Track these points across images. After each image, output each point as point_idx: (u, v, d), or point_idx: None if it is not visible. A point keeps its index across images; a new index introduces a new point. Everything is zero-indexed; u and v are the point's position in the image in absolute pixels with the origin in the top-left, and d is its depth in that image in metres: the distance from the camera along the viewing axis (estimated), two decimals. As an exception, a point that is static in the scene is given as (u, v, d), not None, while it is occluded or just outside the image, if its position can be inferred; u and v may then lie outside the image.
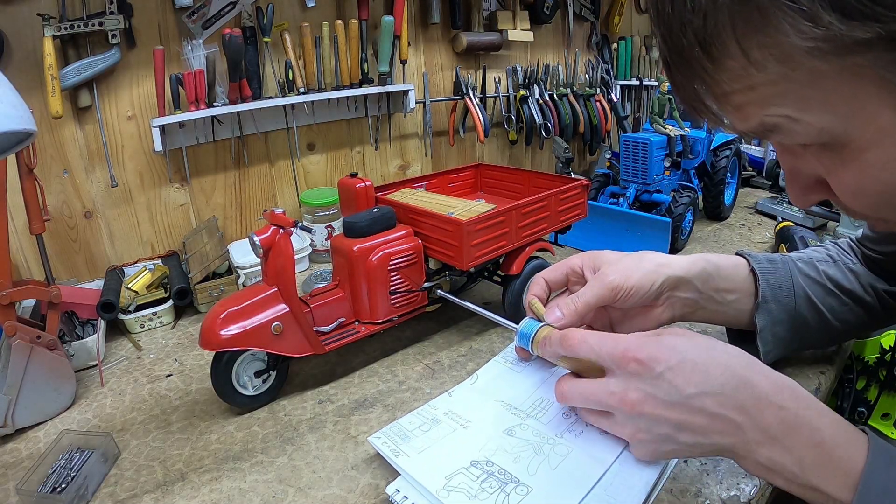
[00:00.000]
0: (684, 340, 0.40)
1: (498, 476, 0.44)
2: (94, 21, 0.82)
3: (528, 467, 0.45)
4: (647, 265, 0.52)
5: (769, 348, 0.58)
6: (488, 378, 0.56)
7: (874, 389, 0.90)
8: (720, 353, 0.40)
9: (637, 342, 0.41)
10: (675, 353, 0.39)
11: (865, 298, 0.60)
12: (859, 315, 0.61)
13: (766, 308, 0.57)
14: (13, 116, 0.48)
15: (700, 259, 0.56)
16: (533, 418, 0.50)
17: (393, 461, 0.48)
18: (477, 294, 0.89)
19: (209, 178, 1.04)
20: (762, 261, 0.59)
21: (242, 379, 0.62)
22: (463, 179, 0.99)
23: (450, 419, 0.52)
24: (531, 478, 0.44)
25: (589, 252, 0.56)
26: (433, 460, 0.47)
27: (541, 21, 1.41)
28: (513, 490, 0.43)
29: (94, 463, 0.53)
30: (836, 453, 0.35)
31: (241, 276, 0.90)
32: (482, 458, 0.46)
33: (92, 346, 0.73)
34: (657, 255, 0.55)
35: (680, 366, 0.39)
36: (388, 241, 0.69)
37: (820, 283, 0.60)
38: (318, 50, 1.03)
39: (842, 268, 0.62)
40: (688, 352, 0.39)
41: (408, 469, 0.46)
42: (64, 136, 0.88)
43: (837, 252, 0.65)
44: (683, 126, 1.17)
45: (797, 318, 0.59)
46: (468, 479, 0.44)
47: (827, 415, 0.37)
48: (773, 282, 0.58)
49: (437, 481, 0.44)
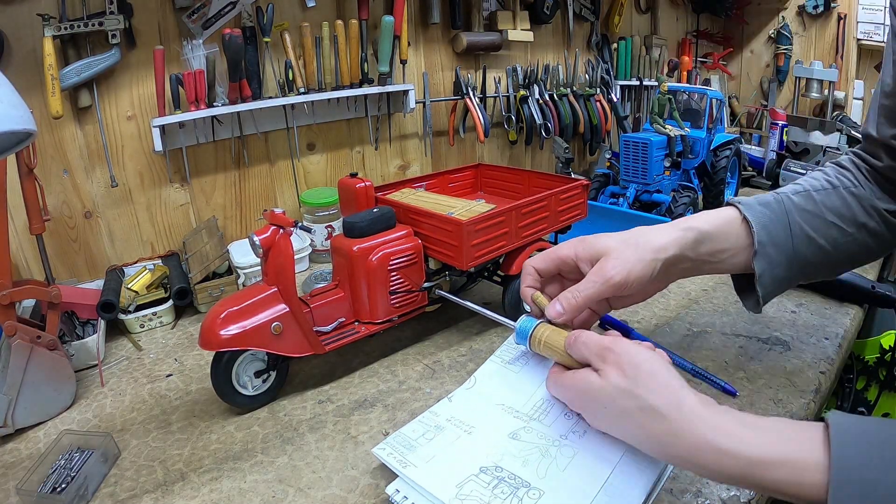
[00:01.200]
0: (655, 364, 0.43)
1: (509, 481, 0.44)
2: (94, 21, 0.82)
3: (538, 470, 0.45)
4: (646, 254, 0.52)
5: (768, 290, 0.57)
6: (486, 381, 0.56)
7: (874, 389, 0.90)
8: None
9: (621, 348, 0.44)
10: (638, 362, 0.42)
11: (869, 224, 0.58)
12: (864, 243, 0.58)
13: (763, 253, 0.55)
14: (13, 116, 0.48)
15: (692, 230, 0.55)
16: (536, 421, 0.50)
17: (401, 472, 0.47)
18: (477, 294, 0.89)
19: (209, 178, 1.04)
20: (754, 206, 0.57)
21: (242, 379, 0.62)
22: (463, 179, 0.99)
23: (453, 426, 0.51)
24: (542, 481, 0.44)
25: (580, 240, 0.55)
26: (442, 469, 0.46)
27: (541, 21, 1.41)
28: (525, 494, 0.43)
29: (94, 463, 0.53)
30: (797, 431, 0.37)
31: (241, 276, 0.90)
32: (491, 464, 0.46)
33: (92, 346, 0.73)
34: (651, 235, 0.54)
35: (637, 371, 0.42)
36: (388, 241, 0.69)
37: (819, 216, 0.58)
38: (318, 50, 1.03)
39: (842, 194, 0.59)
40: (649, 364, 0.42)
41: (418, 480, 0.46)
42: (64, 136, 0.88)
43: (837, 174, 0.61)
44: (683, 126, 1.16)
45: (796, 257, 0.57)
46: (479, 486, 0.44)
47: None
48: (768, 225, 0.56)
49: (449, 490, 0.44)
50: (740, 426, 0.37)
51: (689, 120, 1.21)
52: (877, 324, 0.94)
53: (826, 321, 0.76)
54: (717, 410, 0.39)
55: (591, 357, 0.45)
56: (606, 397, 0.42)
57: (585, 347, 0.45)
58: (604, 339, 0.45)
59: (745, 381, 0.63)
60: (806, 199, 0.59)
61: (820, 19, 1.88)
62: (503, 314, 0.60)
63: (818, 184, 0.60)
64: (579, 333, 0.47)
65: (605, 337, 0.45)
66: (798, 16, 1.92)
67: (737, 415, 0.39)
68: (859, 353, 0.91)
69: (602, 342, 0.45)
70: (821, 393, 0.62)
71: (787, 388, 0.62)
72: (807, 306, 0.80)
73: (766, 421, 0.38)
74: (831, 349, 0.69)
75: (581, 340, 0.46)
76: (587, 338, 0.46)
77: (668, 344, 0.71)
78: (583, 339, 0.46)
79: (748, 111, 1.89)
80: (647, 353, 0.43)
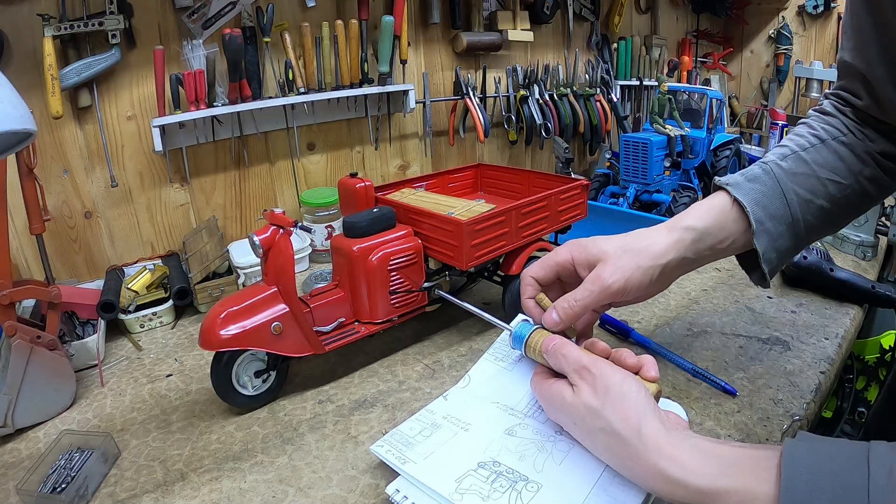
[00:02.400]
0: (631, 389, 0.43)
1: (507, 475, 0.45)
2: (94, 21, 0.82)
3: (535, 464, 0.45)
4: (644, 260, 0.51)
5: (774, 265, 0.55)
6: (481, 380, 0.56)
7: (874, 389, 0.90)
8: None
9: (598, 370, 0.44)
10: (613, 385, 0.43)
11: (865, 172, 0.56)
12: (863, 192, 0.56)
13: (762, 230, 0.54)
14: (13, 116, 0.48)
15: (688, 231, 0.53)
16: (531, 417, 0.50)
17: (400, 469, 0.47)
18: (477, 294, 0.89)
19: (209, 178, 1.04)
20: (743, 184, 0.55)
21: (242, 379, 0.62)
22: (463, 179, 0.99)
23: (450, 423, 0.52)
24: (539, 474, 0.44)
25: (577, 243, 0.54)
26: (440, 465, 0.47)
27: (541, 21, 1.41)
28: (523, 488, 0.43)
29: (94, 463, 0.53)
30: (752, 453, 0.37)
31: (241, 276, 0.90)
32: (488, 459, 0.47)
33: (92, 346, 0.73)
34: (650, 241, 0.53)
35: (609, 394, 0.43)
36: (388, 241, 0.69)
37: (812, 176, 0.55)
38: (318, 50, 1.03)
39: (832, 146, 0.56)
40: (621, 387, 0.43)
41: (417, 475, 0.46)
42: (64, 136, 0.88)
43: (822, 125, 0.58)
44: (683, 126, 1.16)
45: (797, 224, 0.55)
46: (478, 480, 0.45)
47: None
48: (761, 200, 0.54)
49: (449, 485, 0.44)
50: (695, 456, 0.38)
51: (689, 120, 1.21)
52: (877, 324, 0.94)
53: (826, 321, 0.76)
54: (676, 439, 0.39)
55: (568, 372, 0.46)
56: (577, 414, 0.44)
57: (565, 361, 0.46)
58: (583, 357, 0.45)
59: (745, 381, 0.63)
60: (796, 162, 0.56)
61: (820, 19, 1.89)
62: (503, 314, 0.60)
63: (804, 141, 0.57)
64: (561, 345, 0.47)
65: (584, 355, 0.45)
66: (798, 16, 1.92)
67: (695, 442, 0.39)
68: (859, 353, 0.91)
69: (581, 360, 0.45)
70: (821, 393, 0.62)
71: (787, 388, 0.62)
72: (807, 306, 0.80)
73: (723, 448, 0.38)
74: (831, 349, 0.69)
75: (561, 353, 0.46)
76: (568, 351, 0.46)
77: (668, 344, 0.71)
78: (563, 352, 0.46)
79: (748, 111, 1.89)
80: (620, 375, 0.43)
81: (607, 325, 0.75)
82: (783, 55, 1.92)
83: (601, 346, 0.49)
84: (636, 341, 0.72)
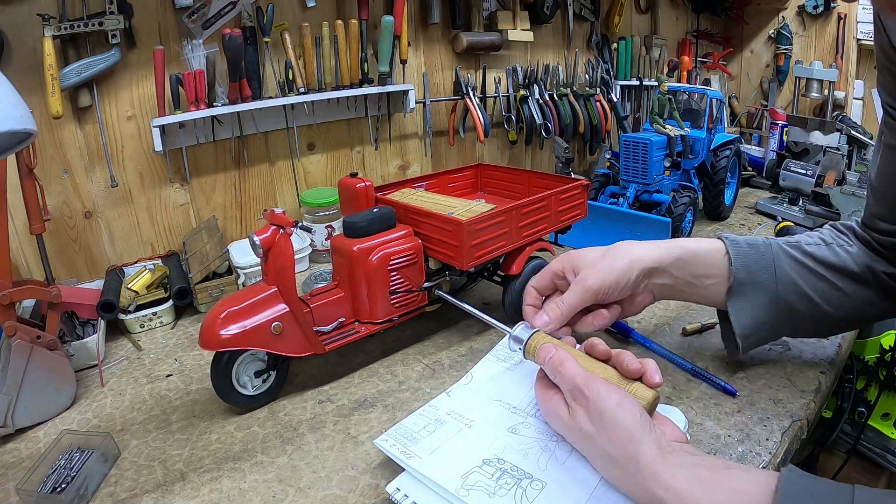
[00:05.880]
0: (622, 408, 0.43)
1: (511, 472, 0.45)
2: (94, 21, 0.82)
3: (539, 463, 0.46)
4: (622, 263, 0.56)
5: (748, 332, 0.58)
6: (484, 378, 0.57)
7: (874, 389, 0.90)
8: None
9: (592, 392, 0.44)
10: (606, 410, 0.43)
11: (863, 279, 0.57)
12: (857, 300, 0.57)
13: (740, 292, 0.56)
14: (13, 116, 0.48)
15: (677, 247, 0.58)
16: (534, 417, 0.51)
17: (405, 463, 0.47)
18: (477, 294, 0.89)
19: (209, 178, 1.04)
20: (741, 244, 0.58)
21: (242, 379, 0.62)
22: (463, 179, 0.99)
23: (453, 419, 0.52)
24: (543, 473, 0.45)
25: (568, 254, 0.60)
26: (445, 460, 0.47)
27: (541, 21, 1.41)
28: (528, 485, 0.44)
29: (94, 463, 0.53)
30: None
31: (241, 276, 0.90)
32: (493, 456, 0.47)
33: (92, 346, 0.73)
34: (633, 247, 0.57)
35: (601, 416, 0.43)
36: (388, 241, 0.69)
37: (807, 266, 0.58)
38: (318, 50, 1.03)
39: (835, 249, 0.59)
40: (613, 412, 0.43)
41: (422, 470, 0.46)
42: (64, 136, 0.88)
43: (832, 235, 0.61)
44: (683, 126, 1.16)
45: (781, 303, 0.57)
46: (484, 476, 0.45)
47: None
48: (750, 265, 0.56)
49: (455, 481, 0.45)
50: (692, 484, 0.38)
51: (689, 120, 1.20)
52: (877, 324, 0.94)
53: (826, 321, 0.76)
54: (673, 466, 0.39)
55: (563, 391, 0.47)
56: (574, 435, 0.45)
57: (561, 379, 0.47)
58: (578, 376, 0.45)
59: (745, 381, 0.63)
60: (795, 249, 0.59)
61: (820, 19, 1.88)
62: (503, 314, 0.60)
63: (811, 240, 0.61)
64: (557, 362, 0.47)
65: (579, 373, 0.45)
66: (798, 16, 1.92)
67: (692, 469, 0.39)
68: (859, 353, 0.91)
69: (576, 380, 0.45)
70: (821, 393, 0.62)
71: (787, 388, 0.62)
72: (807, 306, 0.80)
73: (720, 474, 0.39)
74: (831, 349, 0.69)
75: (559, 371, 0.47)
76: (566, 370, 0.46)
77: (668, 344, 0.71)
78: (561, 370, 0.47)
79: (748, 111, 1.89)
80: (616, 398, 0.43)
81: (611, 328, 0.75)
82: (783, 55, 1.92)
83: (601, 347, 0.50)
84: (636, 341, 0.72)
